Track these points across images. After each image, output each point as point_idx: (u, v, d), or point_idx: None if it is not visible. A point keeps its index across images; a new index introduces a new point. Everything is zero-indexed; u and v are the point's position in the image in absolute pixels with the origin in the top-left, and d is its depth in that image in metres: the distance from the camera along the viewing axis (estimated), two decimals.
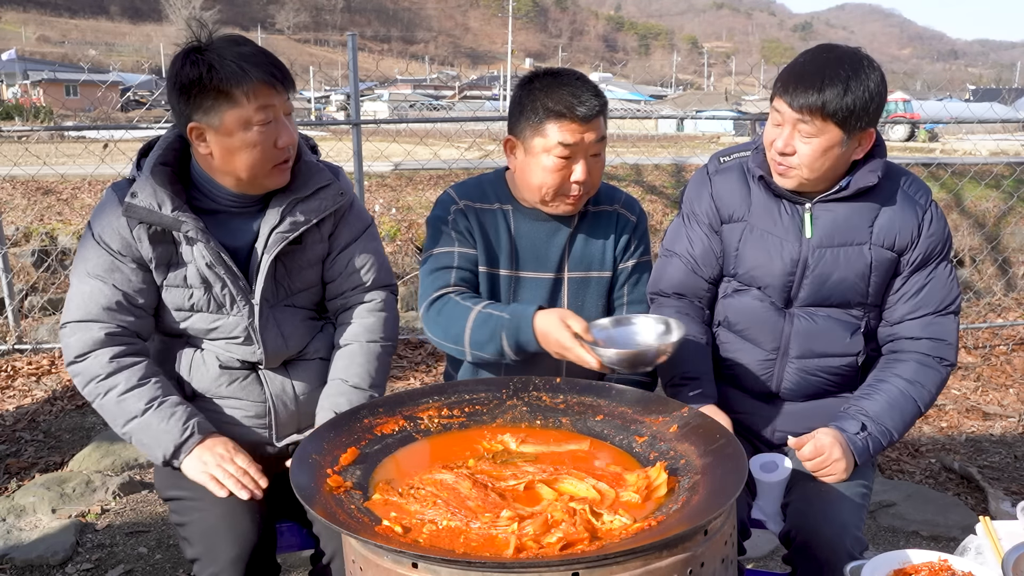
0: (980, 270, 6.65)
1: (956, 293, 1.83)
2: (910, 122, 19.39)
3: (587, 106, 1.80)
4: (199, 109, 1.62)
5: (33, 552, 2.72)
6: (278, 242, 1.75)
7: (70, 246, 5.70)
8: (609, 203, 2.04)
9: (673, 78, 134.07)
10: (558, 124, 1.81)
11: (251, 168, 1.67)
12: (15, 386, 4.37)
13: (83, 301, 1.72)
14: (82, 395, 1.75)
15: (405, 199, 7.01)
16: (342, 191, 1.84)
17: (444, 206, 2.00)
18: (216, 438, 1.72)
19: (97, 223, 1.73)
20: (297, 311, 1.88)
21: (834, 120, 1.66)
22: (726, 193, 1.89)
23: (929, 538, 2.88)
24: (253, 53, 1.63)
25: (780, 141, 1.73)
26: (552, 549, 1.14)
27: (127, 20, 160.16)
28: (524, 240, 1.99)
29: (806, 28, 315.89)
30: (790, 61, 1.76)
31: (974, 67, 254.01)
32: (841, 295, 1.82)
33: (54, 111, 22.52)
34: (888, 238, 1.79)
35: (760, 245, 1.84)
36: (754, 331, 1.89)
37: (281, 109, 1.67)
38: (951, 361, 1.82)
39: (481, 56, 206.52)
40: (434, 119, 19.35)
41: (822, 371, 1.86)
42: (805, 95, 1.66)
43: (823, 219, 1.79)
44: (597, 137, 1.85)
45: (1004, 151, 10.89)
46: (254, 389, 1.84)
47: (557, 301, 2.00)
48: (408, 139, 11.26)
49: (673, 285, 1.95)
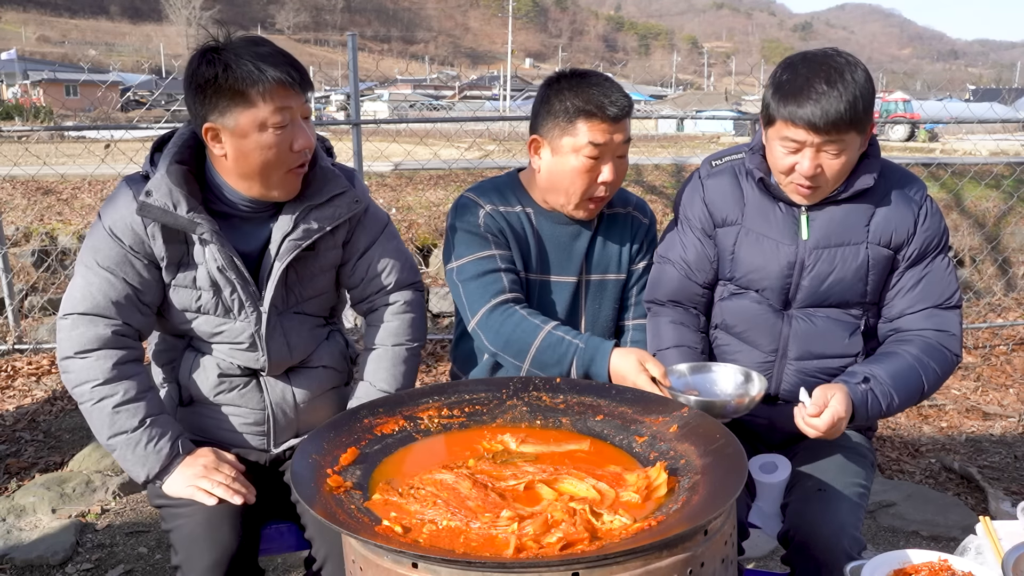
0: (980, 270, 6.65)
1: (955, 287, 1.81)
2: (910, 122, 19.40)
3: (618, 106, 1.80)
4: (214, 109, 1.58)
5: (33, 552, 2.72)
6: (291, 250, 1.72)
7: (70, 246, 5.70)
8: (623, 206, 2.04)
9: (673, 78, 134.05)
10: (588, 123, 1.80)
11: (265, 171, 1.63)
12: (15, 386, 4.37)
13: (91, 292, 1.66)
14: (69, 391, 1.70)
15: (405, 199, 7.01)
16: (357, 198, 1.80)
17: (470, 210, 1.95)
18: (194, 455, 1.69)
19: (108, 216, 1.68)
20: (306, 319, 1.84)
21: (855, 128, 1.64)
22: (719, 197, 1.88)
23: (929, 538, 2.88)
24: (271, 53, 1.59)
25: (806, 165, 1.67)
26: (552, 549, 1.14)
27: (127, 20, 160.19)
28: (549, 243, 1.97)
29: (806, 28, 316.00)
30: (777, 82, 1.68)
31: (974, 67, 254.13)
32: (839, 295, 1.81)
33: (54, 111, 22.52)
34: (884, 236, 1.78)
35: (756, 248, 1.83)
36: (752, 333, 1.88)
37: (298, 111, 1.62)
38: (956, 353, 1.78)
39: (481, 56, 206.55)
40: (434, 119, 19.37)
41: (821, 373, 1.85)
42: (833, 112, 1.60)
43: (819, 220, 1.78)
44: (625, 138, 1.84)
45: (1004, 151, 10.89)
46: (253, 396, 1.82)
47: (577, 305, 2.00)
48: (408, 139, 11.26)
49: (669, 293, 1.95)
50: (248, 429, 1.83)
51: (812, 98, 1.62)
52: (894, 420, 4.06)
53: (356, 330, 3.70)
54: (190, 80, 1.60)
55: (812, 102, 1.61)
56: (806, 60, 1.68)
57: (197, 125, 1.63)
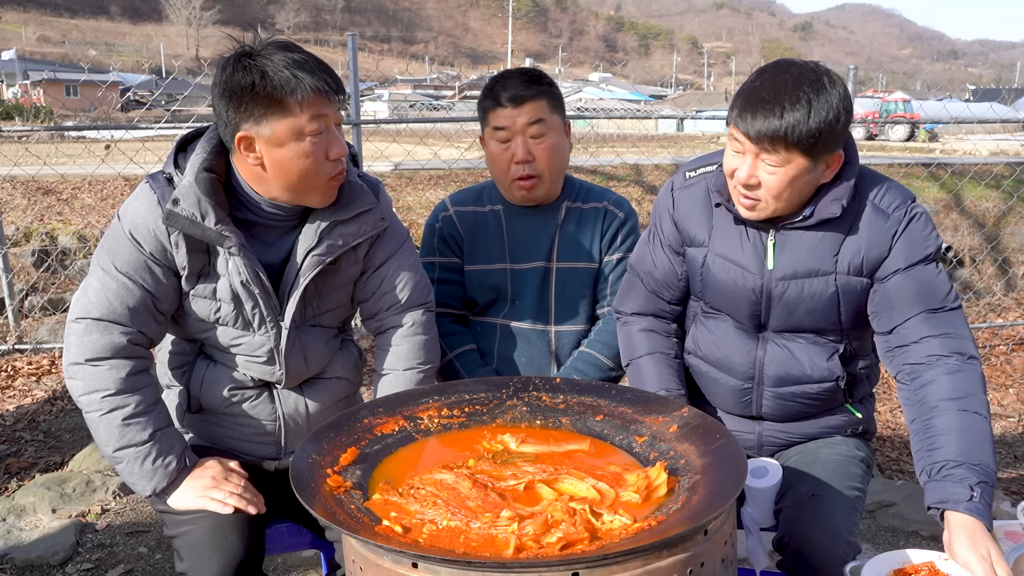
0: (980, 270, 6.65)
1: (949, 287, 1.64)
2: (910, 122, 19.43)
3: (511, 92, 2.00)
4: (249, 118, 1.53)
5: (33, 552, 2.72)
6: (314, 265, 1.68)
7: (70, 246, 5.70)
8: (599, 200, 2.19)
9: (673, 78, 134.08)
10: (492, 112, 2.04)
11: (304, 180, 1.59)
12: (15, 386, 4.37)
13: (108, 298, 1.59)
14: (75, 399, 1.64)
15: (405, 199, 7.01)
16: (383, 215, 1.76)
17: (435, 213, 2.20)
18: (200, 467, 1.66)
19: (129, 218, 1.60)
20: (323, 331, 1.81)
21: (799, 149, 1.52)
22: (688, 216, 1.80)
23: (929, 538, 2.88)
24: (305, 60, 1.54)
25: (743, 171, 1.59)
26: (552, 549, 1.14)
27: (127, 20, 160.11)
28: (516, 235, 2.14)
29: (806, 28, 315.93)
30: (743, 84, 1.60)
31: (974, 67, 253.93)
32: (812, 324, 1.73)
33: (54, 111, 22.52)
34: (854, 264, 1.66)
35: (723, 274, 1.76)
36: (726, 362, 1.82)
37: (333, 119, 1.58)
38: (971, 354, 1.59)
39: (481, 56, 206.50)
40: (434, 119, 19.36)
41: (801, 397, 1.80)
42: (765, 122, 1.51)
43: (787, 248, 1.69)
44: (531, 119, 2.00)
45: (1004, 151, 10.90)
46: (266, 408, 1.78)
47: (546, 289, 2.14)
48: (408, 139, 11.26)
49: (637, 306, 1.94)
50: (259, 439, 1.80)
51: (754, 106, 1.54)
52: (894, 420, 4.06)
53: (357, 329, 3.71)
54: (223, 87, 1.53)
55: (753, 110, 1.54)
56: (776, 68, 1.59)
57: (229, 133, 1.57)
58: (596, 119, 17.79)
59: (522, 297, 2.13)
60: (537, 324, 2.13)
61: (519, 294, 2.14)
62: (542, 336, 2.14)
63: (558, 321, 2.14)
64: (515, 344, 2.14)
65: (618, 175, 7.82)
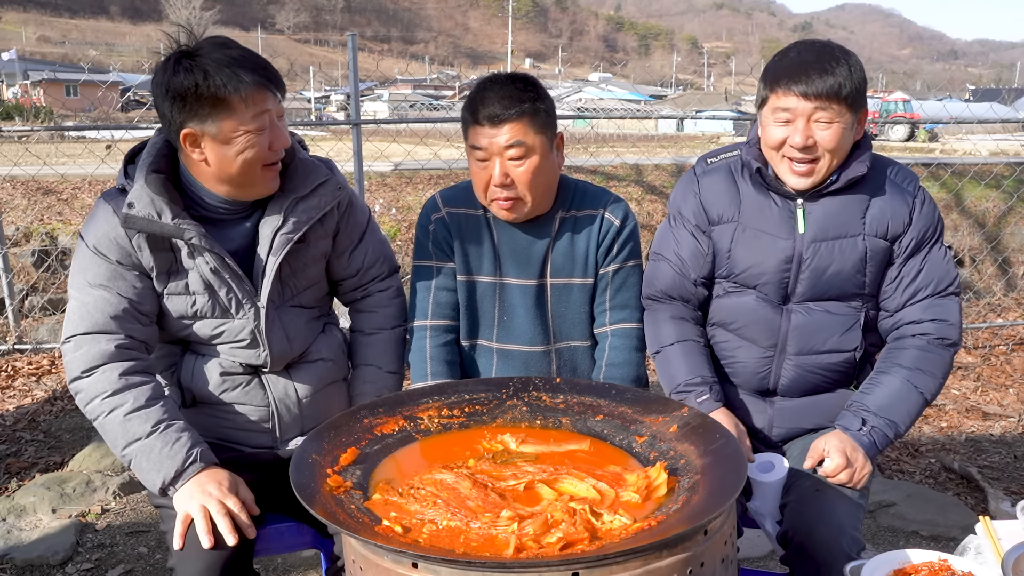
0: (980, 270, 6.65)
1: (954, 274, 1.82)
2: (910, 122, 19.41)
3: (489, 111, 1.82)
4: (194, 117, 1.58)
5: (33, 552, 2.72)
6: (284, 244, 1.73)
7: (70, 246, 5.69)
8: (593, 207, 2.00)
9: (673, 78, 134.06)
10: (471, 128, 1.87)
11: (246, 173, 1.65)
12: (15, 386, 4.37)
13: (88, 312, 1.65)
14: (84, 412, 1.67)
15: (405, 199, 7.02)
16: (339, 185, 1.84)
17: (427, 214, 2.04)
18: (212, 472, 1.62)
19: (91, 235, 1.67)
20: (302, 312, 1.87)
21: (847, 102, 1.67)
22: (714, 195, 1.88)
23: (929, 538, 2.88)
24: (244, 57, 1.59)
25: (798, 136, 1.69)
26: (552, 549, 1.14)
27: (127, 20, 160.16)
28: (506, 246, 1.99)
29: (806, 28, 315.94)
30: (770, 64, 1.76)
31: (974, 67, 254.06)
32: (839, 288, 1.81)
33: (54, 111, 22.55)
34: (881, 227, 1.78)
35: (753, 244, 1.83)
36: (750, 329, 1.89)
37: (275, 113, 1.64)
38: (953, 340, 1.80)
39: (481, 56, 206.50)
40: (434, 119, 19.34)
41: (819, 367, 1.86)
42: (821, 80, 1.65)
43: (815, 213, 1.79)
44: (509, 142, 1.82)
45: (1004, 151, 10.90)
46: (257, 394, 1.82)
47: (543, 307, 2.00)
48: (408, 139, 11.26)
49: (664, 288, 1.95)
50: (253, 426, 1.83)
51: (803, 68, 1.68)
52: None
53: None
54: (165, 88, 1.58)
55: (803, 71, 1.67)
56: (800, 43, 1.78)
57: (174, 131, 1.62)
58: (596, 119, 17.81)
59: (514, 314, 2.00)
60: (536, 345, 2.01)
61: (509, 311, 2.01)
62: (543, 356, 2.02)
63: (558, 339, 2.02)
64: (516, 368, 2.02)
65: (618, 175, 7.82)
